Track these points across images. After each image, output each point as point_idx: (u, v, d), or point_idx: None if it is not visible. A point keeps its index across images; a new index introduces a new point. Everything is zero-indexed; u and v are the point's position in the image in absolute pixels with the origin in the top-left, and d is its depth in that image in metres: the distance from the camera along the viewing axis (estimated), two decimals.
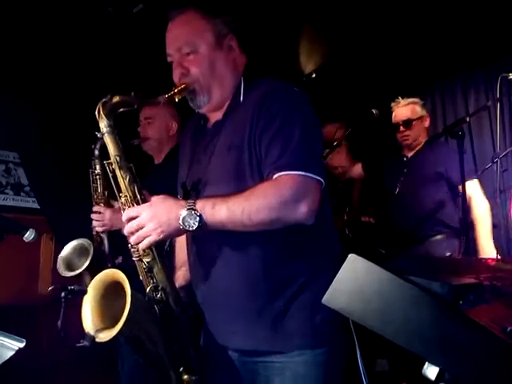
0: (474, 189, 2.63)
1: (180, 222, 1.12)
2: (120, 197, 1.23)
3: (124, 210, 1.21)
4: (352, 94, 3.93)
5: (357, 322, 0.81)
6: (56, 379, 2.63)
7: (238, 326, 1.24)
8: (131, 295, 1.10)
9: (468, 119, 2.35)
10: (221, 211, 1.13)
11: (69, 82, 2.93)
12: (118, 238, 2.02)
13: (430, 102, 4.36)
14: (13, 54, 2.69)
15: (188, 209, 1.12)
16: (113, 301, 1.13)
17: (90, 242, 2.00)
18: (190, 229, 1.12)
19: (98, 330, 1.14)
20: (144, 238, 1.15)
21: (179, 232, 1.16)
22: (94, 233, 2.04)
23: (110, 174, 1.23)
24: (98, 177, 2.05)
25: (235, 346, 1.27)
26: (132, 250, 1.23)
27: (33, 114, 2.82)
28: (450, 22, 3.40)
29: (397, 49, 3.69)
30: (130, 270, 1.24)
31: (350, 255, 0.82)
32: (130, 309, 1.08)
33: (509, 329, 0.67)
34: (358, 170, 3.11)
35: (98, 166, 2.05)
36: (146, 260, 1.22)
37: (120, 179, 1.21)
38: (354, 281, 0.80)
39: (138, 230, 1.16)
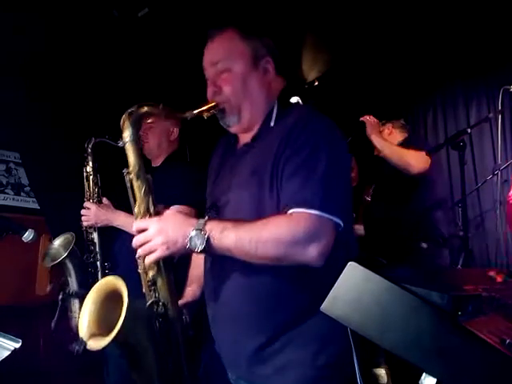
0: None
1: (187, 241, 1.10)
2: (134, 207, 1.22)
3: (136, 220, 1.21)
4: (354, 103, 3.94)
5: (355, 331, 0.81)
6: (52, 381, 2.61)
7: (238, 355, 1.22)
8: (128, 306, 1.09)
9: (469, 131, 2.36)
10: (229, 237, 1.10)
11: (71, 84, 2.94)
12: (108, 237, 2.04)
13: (432, 112, 4.38)
14: (16, 55, 2.70)
15: (197, 229, 1.10)
16: (112, 309, 1.12)
17: (73, 234, 2.02)
18: (196, 250, 1.10)
19: (92, 336, 1.12)
20: (149, 252, 1.14)
21: (184, 250, 1.14)
22: (83, 228, 2.06)
23: (128, 184, 1.22)
24: (89, 174, 2.08)
25: (234, 374, 1.26)
26: (138, 261, 1.22)
27: (35, 114, 2.83)
28: (453, 33, 3.42)
29: (399, 59, 3.71)
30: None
31: (349, 263, 0.82)
32: (124, 320, 1.07)
33: (507, 341, 0.66)
34: (359, 230, 2.99)
35: (90, 163, 2.08)
36: (150, 273, 1.21)
37: (136, 189, 1.21)
38: (353, 289, 0.80)
39: (144, 243, 1.14)
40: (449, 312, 0.70)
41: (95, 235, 2.06)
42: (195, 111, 1.26)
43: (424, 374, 0.78)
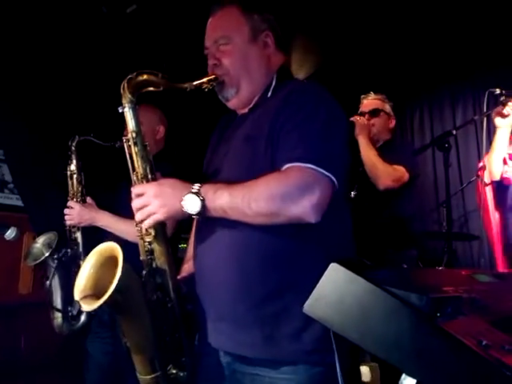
0: None
1: (183, 203, 1.11)
2: (133, 174, 1.22)
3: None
4: (342, 103, 3.95)
5: (336, 332, 0.81)
6: (33, 378, 2.58)
7: (226, 324, 1.19)
8: (123, 271, 1.07)
9: (455, 132, 2.39)
10: (222, 196, 1.10)
11: (57, 81, 2.90)
12: (92, 237, 2.02)
13: (419, 114, 4.43)
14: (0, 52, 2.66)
15: (192, 192, 1.11)
16: (108, 273, 1.10)
17: (56, 234, 2.00)
18: (193, 212, 1.11)
19: (87, 298, 1.12)
20: (148, 215, 1.15)
21: (182, 214, 1.14)
22: (67, 227, 2.04)
23: (127, 151, 1.22)
24: (73, 172, 2.06)
25: (222, 346, 1.22)
26: (136, 228, 1.22)
27: (19, 110, 2.79)
28: (441, 36, 3.46)
29: (387, 61, 3.74)
30: None
31: (331, 264, 0.82)
32: (118, 283, 1.05)
33: (484, 342, 0.67)
34: None
35: (74, 162, 2.07)
36: (147, 239, 1.21)
37: (134, 156, 1.21)
38: (335, 290, 0.80)
39: (143, 208, 1.15)
40: (428, 313, 0.71)
41: (78, 234, 2.04)
42: (195, 82, 1.26)
43: (403, 374, 0.79)
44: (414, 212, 2.67)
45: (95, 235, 2.00)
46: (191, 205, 1.11)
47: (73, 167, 2.07)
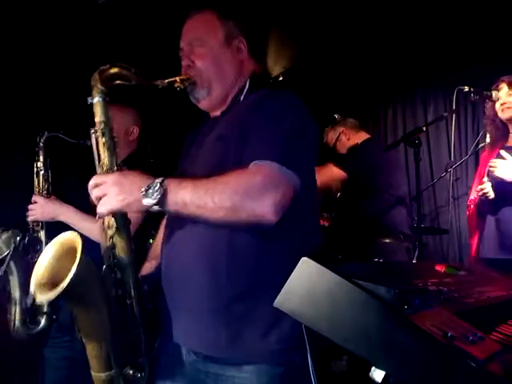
0: None
1: (142, 190, 1.07)
2: (98, 166, 1.20)
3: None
4: (317, 99, 3.98)
5: (307, 325, 0.81)
6: None
7: (192, 324, 1.19)
8: (81, 262, 1.04)
9: (425, 129, 2.43)
10: (186, 188, 1.09)
11: (23, 76, 2.81)
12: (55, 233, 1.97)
13: (392, 110, 4.51)
14: None
15: (155, 181, 1.08)
16: (67, 264, 1.06)
17: (19, 232, 1.93)
18: (152, 200, 1.07)
19: (44, 288, 1.09)
20: (104, 204, 1.12)
21: (140, 205, 1.09)
22: (30, 225, 1.98)
23: (94, 141, 1.20)
24: (40, 169, 2.00)
25: (185, 343, 1.22)
26: (99, 220, 1.20)
27: None
28: (414, 36, 3.52)
29: (361, 57, 3.78)
30: None
31: (302, 258, 0.82)
32: (75, 274, 1.02)
33: (449, 334, 0.68)
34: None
35: (41, 158, 2.01)
36: (109, 233, 1.18)
37: (100, 147, 1.19)
38: (306, 284, 0.80)
39: (101, 196, 1.12)
40: (395, 306, 0.72)
41: (42, 233, 1.97)
42: (166, 80, 1.26)
43: (373, 367, 0.80)
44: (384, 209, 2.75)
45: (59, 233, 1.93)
46: (152, 192, 1.07)
47: (40, 164, 2.01)
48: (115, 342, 1.17)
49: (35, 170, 2.01)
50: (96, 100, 1.19)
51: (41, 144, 2.01)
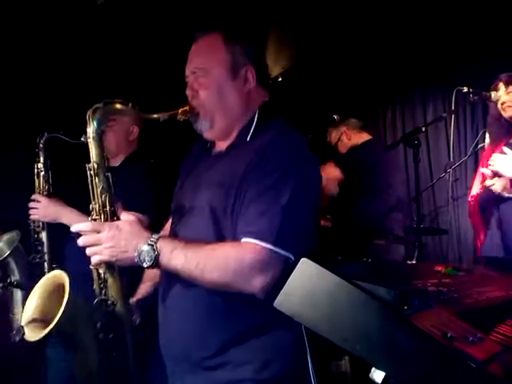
0: None
1: (136, 254, 1.11)
2: (93, 202, 1.21)
3: (92, 218, 1.20)
4: (316, 99, 3.99)
5: (307, 326, 0.81)
6: None
7: (181, 367, 1.22)
8: (70, 302, 1.09)
9: (424, 129, 2.44)
10: (177, 258, 1.11)
11: (24, 77, 2.81)
12: (57, 234, 1.96)
13: (391, 111, 4.51)
14: None
15: (149, 244, 1.11)
16: (56, 302, 1.11)
17: (19, 232, 1.93)
18: (144, 264, 1.11)
19: (32, 327, 1.12)
20: (95, 253, 1.14)
21: (132, 263, 1.13)
22: (31, 226, 1.97)
23: (89, 180, 1.22)
24: (40, 170, 2.00)
25: (177, 375, 1.25)
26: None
27: None
28: (413, 36, 3.52)
29: (360, 58, 3.78)
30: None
31: (301, 259, 0.82)
32: (64, 314, 1.07)
33: (449, 334, 0.68)
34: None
35: (41, 159, 2.00)
36: (101, 271, 1.21)
37: (94, 186, 1.21)
38: (305, 285, 0.80)
39: (93, 245, 1.14)
40: (395, 307, 0.72)
41: (43, 234, 1.96)
42: (168, 113, 1.24)
43: (373, 368, 0.80)
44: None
45: (61, 234, 1.93)
46: (145, 257, 1.11)
47: (40, 165, 2.00)
48: (105, 371, 1.21)
49: (36, 171, 2.00)
50: (90, 139, 1.20)
51: (41, 145, 2.00)
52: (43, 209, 1.92)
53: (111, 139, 2.02)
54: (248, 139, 1.27)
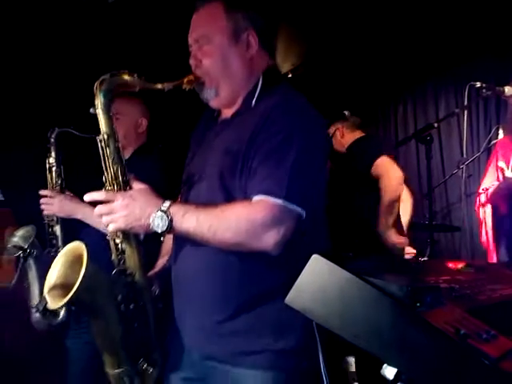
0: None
1: (150, 220, 1.13)
2: (105, 174, 1.23)
3: (105, 189, 1.22)
4: (326, 96, 3.96)
5: (318, 323, 0.81)
6: (11, 369, 2.54)
7: (199, 333, 1.22)
8: (88, 270, 1.09)
9: (436, 125, 2.41)
10: (189, 221, 1.13)
11: (35, 74, 2.84)
12: (71, 229, 1.98)
13: (402, 106, 4.47)
14: None
15: (161, 210, 1.13)
16: (76, 273, 1.12)
17: (34, 227, 1.95)
18: (158, 230, 1.13)
19: (55, 295, 1.15)
20: (111, 222, 1.16)
21: (145, 229, 1.16)
22: (45, 220, 1.99)
23: (101, 151, 1.23)
24: (52, 165, 2.01)
25: (192, 345, 1.25)
26: (106, 228, 1.22)
27: None
28: (425, 31, 3.48)
29: (371, 53, 3.75)
30: None
31: (313, 256, 0.83)
32: (81, 282, 1.08)
33: (462, 331, 0.68)
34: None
35: (53, 154, 2.01)
36: (118, 241, 1.22)
37: (106, 157, 1.22)
38: (317, 282, 0.80)
39: (107, 214, 1.16)
40: (407, 303, 0.71)
41: (57, 228, 1.98)
42: (173, 83, 1.25)
43: (385, 364, 0.80)
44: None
45: (75, 228, 1.95)
46: (158, 223, 1.13)
47: (52, 160, 2.01)
48: (127, 340, 1.21)
49: (47, 166, 2.01)
50: (99, 111, 1.20)
51: (52, 140, 2.01)
52: (58, 204, 1.92)
53: (120, 132, 2.03)
54: (253, 104, 1.28)
